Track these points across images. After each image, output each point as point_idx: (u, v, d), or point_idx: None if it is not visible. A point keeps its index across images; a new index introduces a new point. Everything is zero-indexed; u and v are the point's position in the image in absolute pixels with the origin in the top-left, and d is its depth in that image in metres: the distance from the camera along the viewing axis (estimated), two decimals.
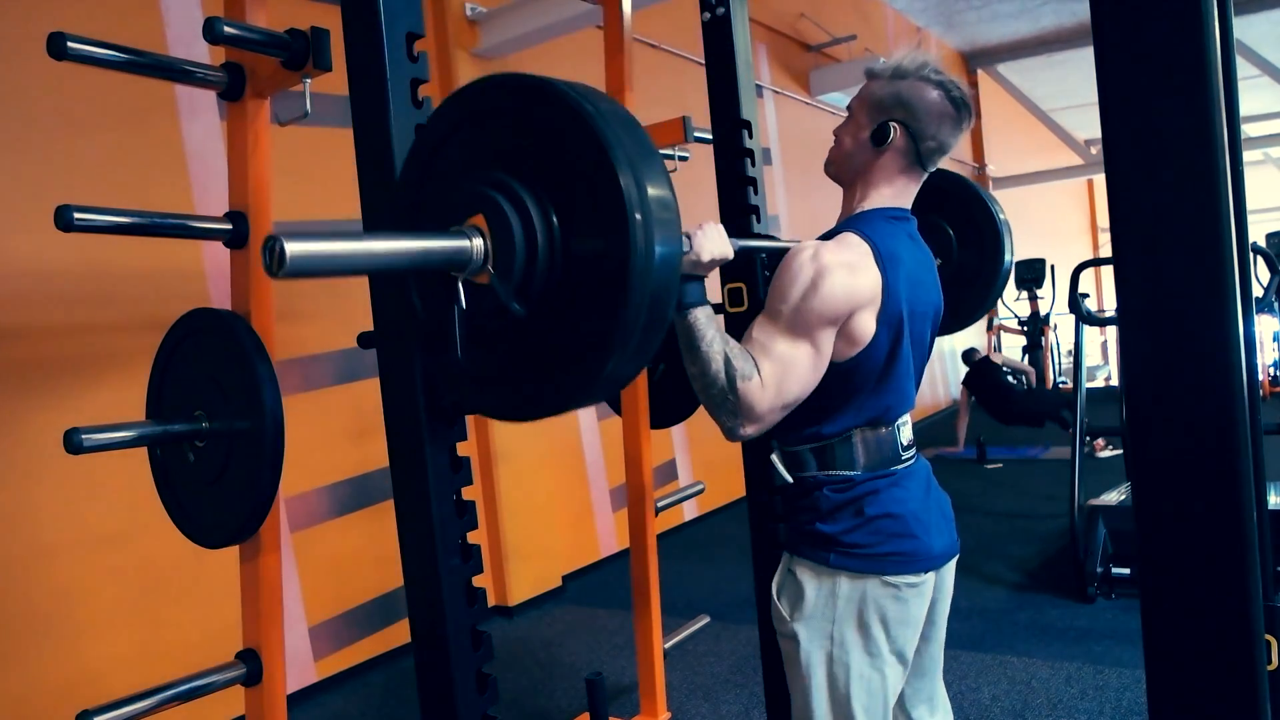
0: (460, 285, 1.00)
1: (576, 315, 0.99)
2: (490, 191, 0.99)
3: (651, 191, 0.94)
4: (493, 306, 1.00)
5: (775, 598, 1.48)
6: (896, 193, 1.48)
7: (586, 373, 0.98)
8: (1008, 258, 2.04)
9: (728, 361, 1.29)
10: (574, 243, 0.98)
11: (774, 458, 1.50)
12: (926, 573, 1.43)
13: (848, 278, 1.33)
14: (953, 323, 2.08)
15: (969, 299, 2.07)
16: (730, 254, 1.36)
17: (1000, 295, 2.12)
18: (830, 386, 1.39)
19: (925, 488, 1.48)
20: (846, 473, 1.42)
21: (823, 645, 1.41)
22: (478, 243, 0.99)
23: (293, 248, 0.80)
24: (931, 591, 1.47)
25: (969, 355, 6.95)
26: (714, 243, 1.33)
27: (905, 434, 1.47)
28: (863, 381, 1.39)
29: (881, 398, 1.42)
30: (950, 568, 1.54)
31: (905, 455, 1.46)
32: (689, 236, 1.32)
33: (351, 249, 0.88)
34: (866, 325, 1.35)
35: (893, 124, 1.43)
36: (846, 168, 1.51)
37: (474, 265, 0.99)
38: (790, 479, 1.48)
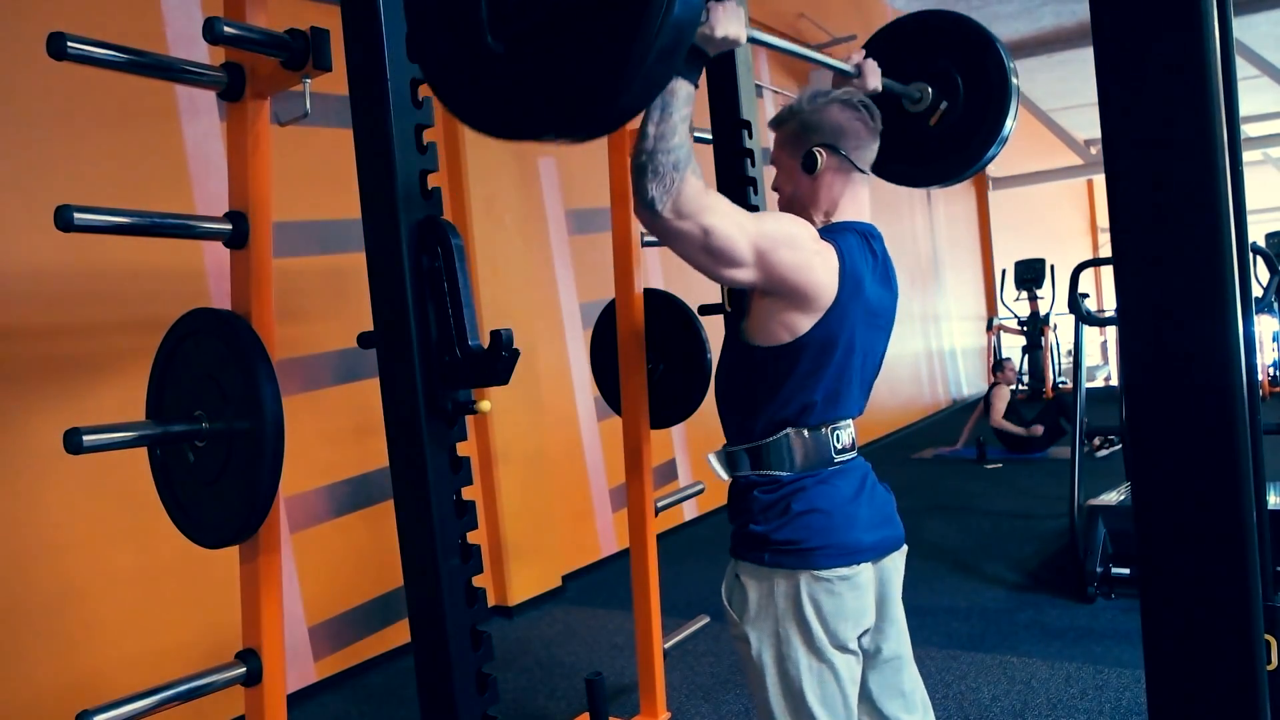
0: None
1: (591, 34, 1.00)
2: None
3: None
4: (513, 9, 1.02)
5: (726, 603, 1.52)
6: (850, 202, 1.54)
7: (595, 96, 1.00)
8: (1009, 124, 1.98)
9: (690, 150, 1.29)
10: None
11: (711, 457, 1.54)
12: (857, 565, 1.45)
13: (822, 276, 1.40)
14: (931, 177, 2.05)
15: (957, 158, 2.02)
16: (743, 38, 1.38)
17: (990, 161, 2.02)
18: (766, 378, 1.46)
19: (858, 486, 1.51)
20: (775, 473, 1.47)
21: (771, 645, 1.45)
22: None
23: None
24: (873, 585, 1.49)
25: (998, 368, 7.25)
26: (731, 20, 1.34)
27: (843, 439, 1.50)
28: (793, 374, 1.44)
29: (809, 395, 1.46)
30: (895, 563, 1.56)
31: (838, 458, 1.49)
32: (708, 9, 1.32)
33: None
34: (801, 323, 1.41)
35: (814, 150, 1.51)
36: (797, 206, 1.56)
37: None
38: (727, 477, 1.53)
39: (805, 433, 1.47)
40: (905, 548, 1.58)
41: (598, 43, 1.00)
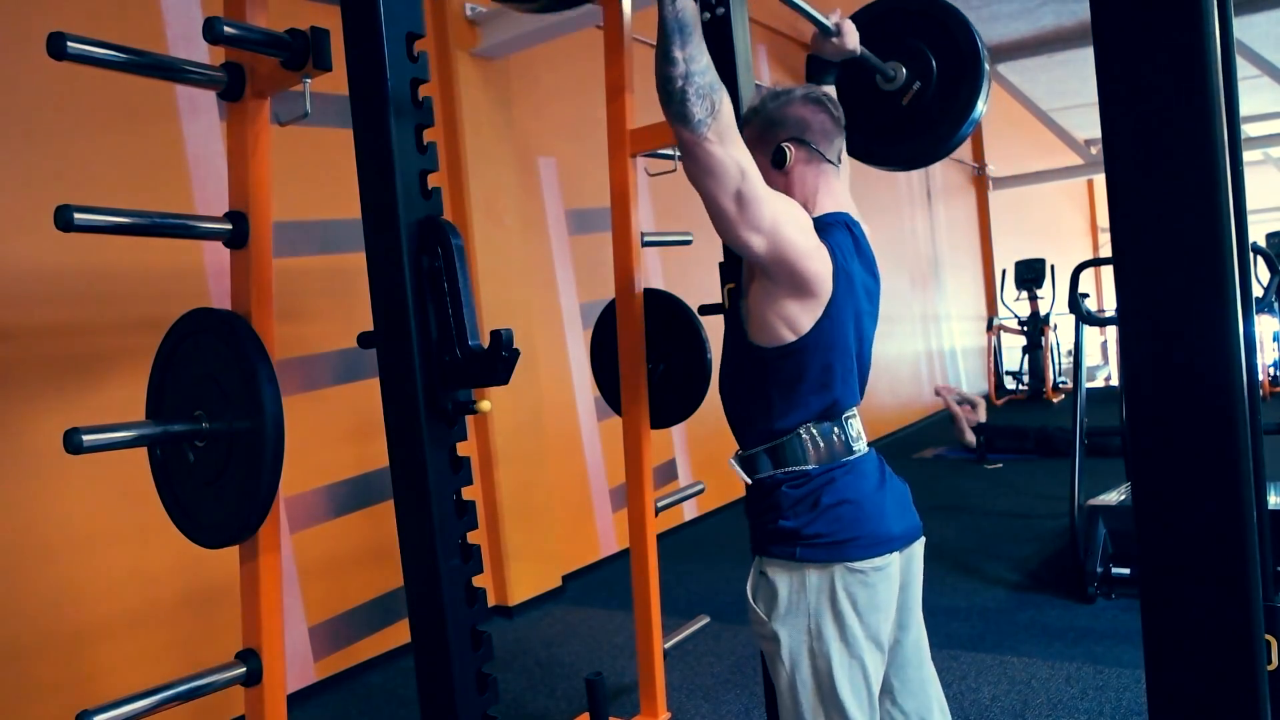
0: None
1: None
2: None
3: None
4: None
5: (751, 601, 1.52)
6: (826, 194, 1.55)
7: None
8: (980, 107, 2.00)
9: (718, 76, 1.28)
10: None
11: (732, 462, 1.54)
12: (889, 554, 1.46)
13: (820, 268, 1.41)
14: (901, 159, 2.05)
15: (929, 138, 2.03)
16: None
17: (957, 147, 2.05)
18: (778, 378, 1.46)
19: (879, 475, 1.53)
20: (801, 467, 1.47)
21: (804, 640, 1.45)
22: None
23: None
24: (898, 575, 1.50)
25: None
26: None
27: (854, 427, 1.53)
28: (807, 374, 1.45)
29: (827, 393, 1.47)
30: (916, 554, 1.57)
31: (856, 446, 1.51)
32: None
33: None
34: (802, 320, 1.42)
35: (782, 145, 1.51)
36: None
37: None
38: (749, 480, 1.53)
39: (820, 427, 1.48)
40: (924, 538, 1.59)
41: None
